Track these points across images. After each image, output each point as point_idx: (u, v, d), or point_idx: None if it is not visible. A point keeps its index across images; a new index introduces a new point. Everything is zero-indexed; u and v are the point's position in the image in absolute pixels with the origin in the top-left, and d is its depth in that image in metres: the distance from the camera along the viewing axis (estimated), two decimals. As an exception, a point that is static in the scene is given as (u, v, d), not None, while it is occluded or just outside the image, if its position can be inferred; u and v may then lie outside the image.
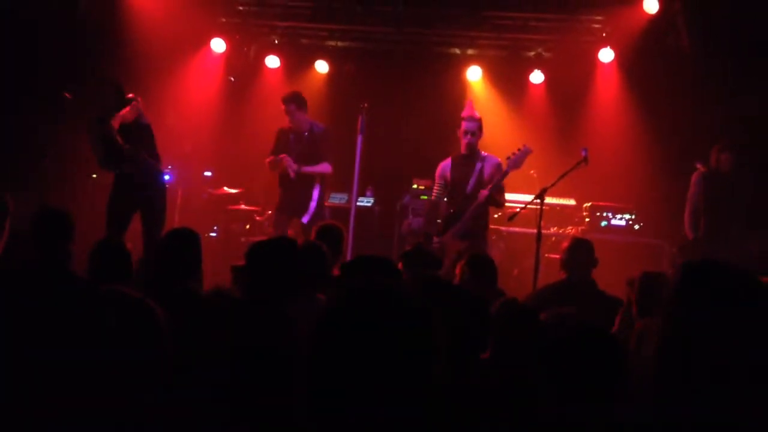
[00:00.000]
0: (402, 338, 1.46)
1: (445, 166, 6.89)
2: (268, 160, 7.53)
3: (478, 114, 6.84)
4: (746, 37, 7.58)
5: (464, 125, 6.73)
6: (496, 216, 7.32)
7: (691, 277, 1.78)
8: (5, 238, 4.00)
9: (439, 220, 6.74)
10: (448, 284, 3.36)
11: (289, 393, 2.68)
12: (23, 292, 3.35)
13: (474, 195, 6.56)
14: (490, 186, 6.49)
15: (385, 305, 1.50)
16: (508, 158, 6.49)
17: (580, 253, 4.80)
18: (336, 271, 4.14)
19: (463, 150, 6.76)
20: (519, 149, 6.54)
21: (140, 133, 6.46)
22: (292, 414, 2.43)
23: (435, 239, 6.61)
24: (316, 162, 7.37)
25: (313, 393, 1.49)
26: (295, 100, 7.41)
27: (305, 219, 7.22)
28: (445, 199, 6.82)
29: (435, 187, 6.97)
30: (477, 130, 6.74)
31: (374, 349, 1.45)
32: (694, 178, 6.92)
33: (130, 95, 6.44)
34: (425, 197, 8.38)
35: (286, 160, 7.30)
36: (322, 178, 7.46)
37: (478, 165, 6.66)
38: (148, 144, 6.56)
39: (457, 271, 4.69)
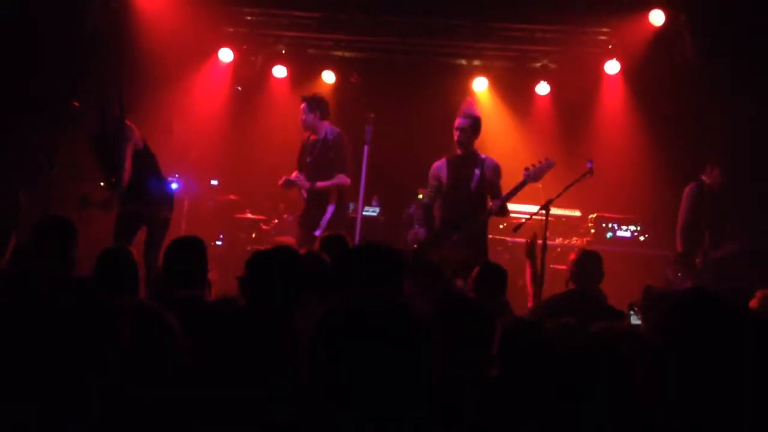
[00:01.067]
0: (395, 350, 1.48)
1: (439, 166, 6.45)
2: (281, 181, 7.19)
3: (476, 111, 6.44)
4: (751, 49, 7.58)
5: (456, 122, 6.33)
6: (501, 227, 7.27)
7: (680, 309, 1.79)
8: (13, 242, 4.01)
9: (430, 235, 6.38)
10: (457, 297, 3.34)
11: (292, 401, 2.70)
12: (25, 302, 3.36)
13: (476, 201, 6.22)
14: (503, 198, 6.13)
15: (377, 319, 1.52)
16: (527, 169, 6.13)
17: (589, 265, 4.80)
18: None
19: (456, 149, 6.35)
20: (540, 162, 6.16)
21: (140, 159, 6.38)
22: (296, 421, 2.44)
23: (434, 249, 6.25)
24: (330, 172, 6.99)
25: (313, 403, 1.52)
26: (307, 100, 7.13)
27: (317, 233, 6.71)
28: (443, 201, 6.37)
29: (427, 189, 6.52)
30: (468, 127, 6.28)
31: (368, 361, 1.47)
32: (687, 190, 6.85)
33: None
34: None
35: (299, 180, 7.00)
36: (339, 191, 7.06)
37: (477, 170, 6.24)
38: (149, 167, 6.47)
39: (470, 281, 4.71)
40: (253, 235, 9.18)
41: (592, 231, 8.36)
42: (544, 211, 6.06)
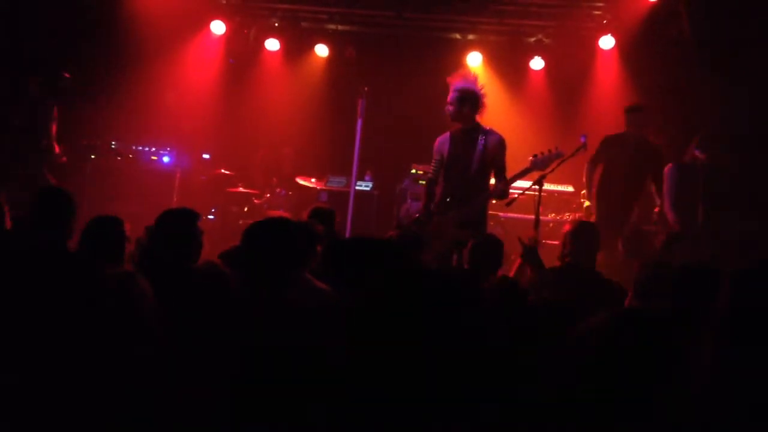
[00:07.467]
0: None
1: (442, 140, 6.16)
2: None
3: (467, 83, 6.10)
4: (748, 25, 7.55)
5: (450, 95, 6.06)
6: (494, 201, 7.21)
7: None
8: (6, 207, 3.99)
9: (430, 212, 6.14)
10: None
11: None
12: (24, 274, 3.35)
13: (478, 177, 5.99)
14: (505, 182, 5.89)
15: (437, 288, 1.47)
16: (535, 156, 5.88)
17: (584, 237, 4.75)
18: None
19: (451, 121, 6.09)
20: (550, 150, 5.91)
21: None
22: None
23: (434, 219, 6.01)
24: None
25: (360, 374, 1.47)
26: None
27: None
28: (444, 177, 6.10)
29: (432, 164, 6.21)
30: (456, 100, 6.00)
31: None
32: (668, 169, 6.70)
33: None
34: (424, 182, 8.32)
35: None
36: None
37: (481, 141, 5.96)
38: None
39: (465, 254, 4.70)
40: (246, 209, 9.16)
41: (585, 206, 8.35)
42: (537, 187, 6.03)
